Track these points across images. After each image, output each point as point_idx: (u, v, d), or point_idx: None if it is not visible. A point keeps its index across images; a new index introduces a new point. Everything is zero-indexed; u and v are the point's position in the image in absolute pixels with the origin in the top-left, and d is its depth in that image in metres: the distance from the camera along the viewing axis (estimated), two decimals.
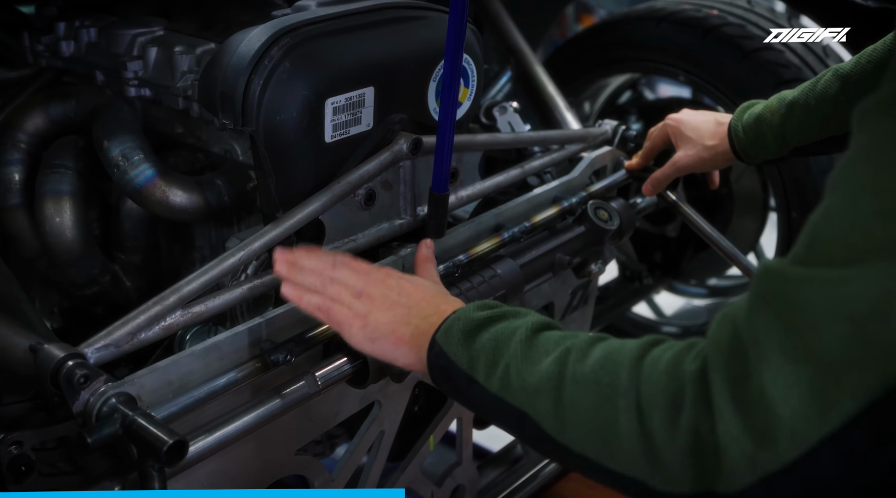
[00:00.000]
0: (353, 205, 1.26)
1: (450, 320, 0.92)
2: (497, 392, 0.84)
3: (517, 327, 0.87)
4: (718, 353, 0.69)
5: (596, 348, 0.80)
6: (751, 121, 1.42)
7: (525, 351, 0.84)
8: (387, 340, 0.96)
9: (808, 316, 0.63)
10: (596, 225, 1.53)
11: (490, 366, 0.86)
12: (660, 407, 0.71)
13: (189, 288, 1.08)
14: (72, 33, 1.53)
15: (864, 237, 0.62)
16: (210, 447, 1.04)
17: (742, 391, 0.66)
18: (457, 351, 0.89)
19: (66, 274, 1.37)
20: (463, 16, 1.11)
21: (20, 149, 1.41)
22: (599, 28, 2.46)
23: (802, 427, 0.63)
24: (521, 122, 1.75)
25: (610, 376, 0.76)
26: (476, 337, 0.88)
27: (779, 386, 0.63)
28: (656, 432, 0.71)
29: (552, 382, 0.80)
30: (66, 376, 0.95)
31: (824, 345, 0.62)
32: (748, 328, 0.67)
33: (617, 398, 0.74)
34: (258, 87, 1.14)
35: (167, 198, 1.30)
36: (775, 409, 0.63)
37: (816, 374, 0.62)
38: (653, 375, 0.73)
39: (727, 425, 0.66)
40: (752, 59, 2.07)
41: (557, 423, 0.79)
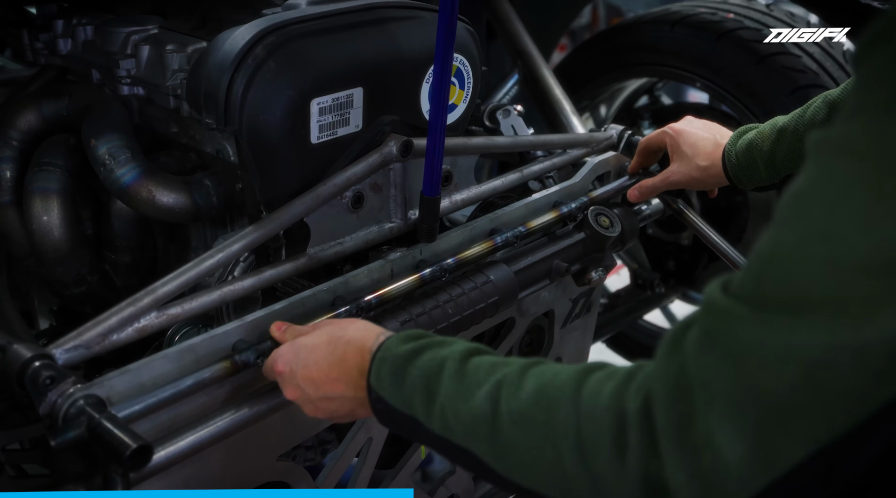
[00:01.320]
0: (340, 207, 1.24)
1: (376, 361, 0.91)
2: (440, 432, 0.83)
3: (444, 358, 0.85)
4: (664, 389, 0.66)
5: (528, 379, 0.78)
6: (743, 147, 1.39)
7: (456, 387, 0.82)
8: (326, 385, 0.96)
9: (758, 360, 0.61)
10: (596, 231, 1.49)
11: (426, 405, 0.84)
12: (604, 448, 0.69)
13: (164, 289, 1.06)
14: (69, 31, 1.52)
15: (813, 286, 0.60)
16: (182, 452, 1.02)
17: (688, 434, 0.64)
18: (391, 394, 0.88)
19: (55, 273, 1.36)
20: (453, 15, 1.08)
21: (12, 146, 1.40)
22: (614, 31, 2.43)
23: (750, 473, 0.62)
24: (525, 125, 1.72)
25: (546, 414, 0.74)
26: (405, 375, 0.87)
27: (725, 431, 0.62)
28: (604, 475, 0.69)
29: (487, 421, 0.78)
30: (31, 377, 0.94)
31: (773, 390, 0.60)
32: (696, 366, 0.65)
33: (557, 439, 0.73)
34: (241, 86, 1.12)
35: (154, 197, 1.29)
36: (723, 454, 0.62)
37: (764, 419, 0.61)
38: (593, 412, 0.71)
39: (674, 470, 0.65)
40: (767, 64, 2.02)
41: (502, 462, 0.78)
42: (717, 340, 0.64)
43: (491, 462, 0.79)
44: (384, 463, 1.47)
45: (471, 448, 0.80)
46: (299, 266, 1.19)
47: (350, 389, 0.94)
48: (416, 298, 1.26)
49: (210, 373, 1.04)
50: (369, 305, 1.18)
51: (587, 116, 2.51)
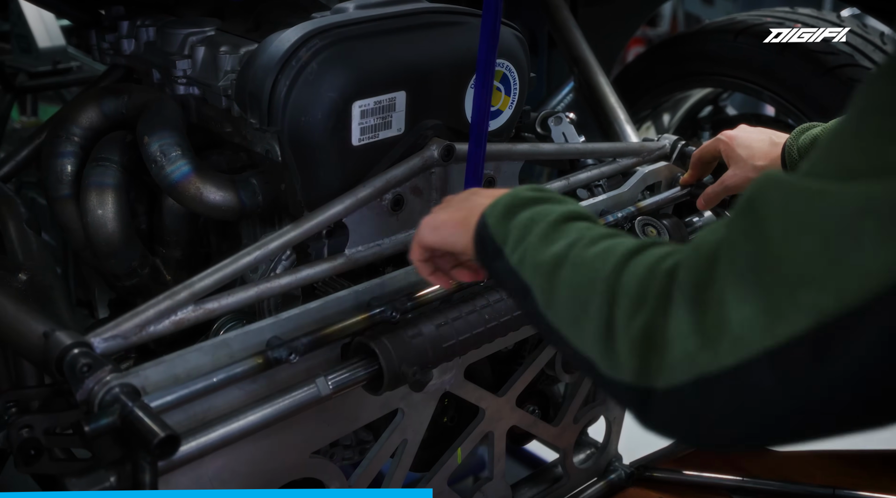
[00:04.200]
0: (380, 209, 1.25)
1: (500, 197, 0.95)
2: (514, 265, 0.88)
3: (553, 211, 0.89)
4: (696, 254, 0.69)
5: (605, 240, 0.82)
6: (807, 143, 1.35)
7: (548, 232, 0.87)
8: (446, 226, 1.01)
9: (784, 225, 0.62)
10: None
11: (517, 241, 0.89)
12: (627, 296, 0.72)
13: (201, 284, 1.09)
14: (133, 32, 1.58)
15: (860, 154, 0.60)
16: (212, 444, 1.04)
17: (703, 293, 0.66)
18: (496, 223, 0.92)
19: (107, 265, 1.41)
20: (496, 20, 1.09)
21: (74, 142, 1.45)
22: (677, 40, 2.39)
23: (748, 335, 0.62)
24: (576, 133, 1.70)
25: (602, 262, 0.78)
26: (517, 214, 0.91)
27: (737, 292, 0.63)
28: (617, 319, 0.73)
29: (556, 262, 0.83)
30: (69, 363, 0.97)
31: (790, 256, 0.61)
32: (728, 232, 0.66)
33: (598, 282, 0.76)
34: (285, 87, 1.14)
35: (201, 194, 1.32)
36: (727, 313, 0.63)
37: (775, 285, 0.61)
38: (635, 268, 0.74)
39: (678, 322, 0.67)
40: (834, 76, 1.96)
41: (547, 299, 0.83)
42: (755, 205, 0.64)
43: (540, 298, 0.84)
44: (419, 466, 1.47)
45: (529, 283, 0.85)
46: (336, 266, 1.21)
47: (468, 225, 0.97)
48: (453, 302, 1.26)
49: (242, 367, 1.06)
50: (405, 306, 1.19)
51: (649, 125, 2.49)
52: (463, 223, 0.98)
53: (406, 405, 1.33)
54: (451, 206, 1.03)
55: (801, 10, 2.16)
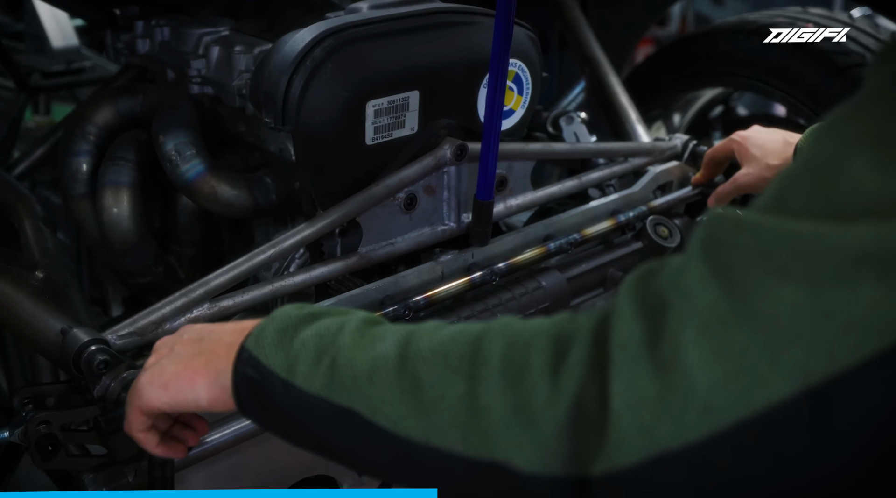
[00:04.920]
0: (393, 208, 1.26)
1: (260, 325, 0.76)
2: (319, 392, 0.69)
3: (345, 322, 0.72)
4: (632, 305, 0.56)
5: (446, 328, 0.67)
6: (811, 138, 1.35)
7: (357, 339, 0.69)
8: (179, 379, 0.79)
9: (760, 271, 0.52)
10: (654, 241, 1.48)
11: (313, 363, 0.70)
12: (534, 368, 0.59)
13: (216, 282, 1.10)
14: (148, 32, 1.59)
15: (854, 190, 0.51)
16: (227, 440, 1.05)
17: (656, 349, 0.54)
18: (271, 353, 0.72)
19: (122, 263, 1.42)
20: (509, 19, 1.09)
21: (89, 141, 1.47)
22: (688, 39, 2.39)
23: (718, 403, 0.52)
24: (588, 133, 1.71)
25: (466, 347, 0.63)
26: (296, 335, 0.73)
27: (702, 348, 0.52)
28: (528, 398, 0.58)
29: (391, 363, 0.66)
30: (87, 360, 0.98)
31: (770, 308, 0.51)
32: (680, 278, 0.55)
33: (476, 366, 0.61)
34: (299, 86, 1.15)
35: (215, 193, 1.33)
36: (692, 375, 0.52)
37: (751, 342, 0.51)
38: (524, 337, 0.61)
39: (627, 387, 0.55)
40: (846, 76, 1.96)
41: (395, 410, 0.64)
42: (715, 247, 0.55)
43: (379, 413, 0.65)
44: None
45: (355, 404, 0.66)
46: (350, 265, 1.22)
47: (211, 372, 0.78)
48: (465, 301, 1.27)
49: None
50: (417, 305, 1.20)
51: (659, 125, 2.48)
52: (203, 372, 0.78)
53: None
54: (175, 351, 0.82)
55: (812, 10, 2.15)
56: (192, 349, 0.81)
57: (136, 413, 0.84)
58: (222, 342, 0.79)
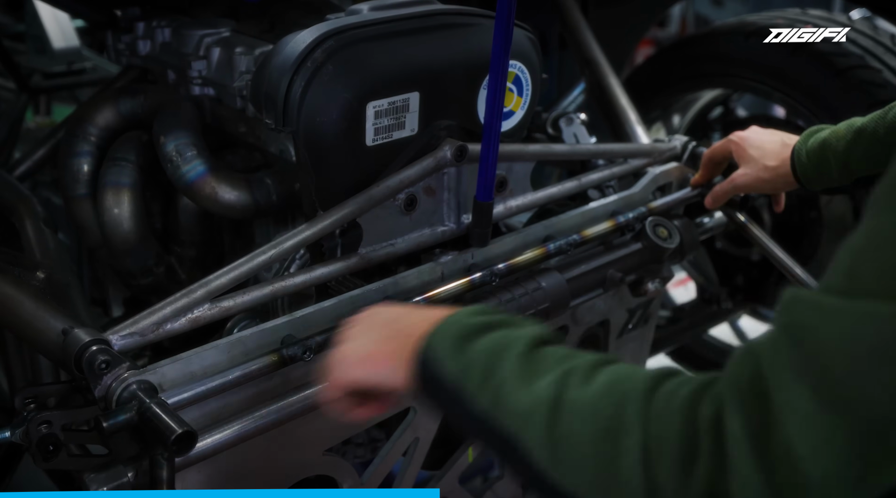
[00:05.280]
0: (393, 209, 1.26)
1: (442, 325, 0.81)
2: (485, 411, 0.74)
3: (516, 338, 0.77)
4: (737, 396, 0.59)
5: (601, 373, 0.70)
6: (815, 145, 1.35)
7: (522, 366, 0.73)
8: (369, 361, 0.85)
9: (848, 357, 0.53)
10: (653, 242, 1.48)
11: (481, 380, 0.75)
12: (670, 453, 0.61)
13: (217, 282, 1.10)
14: (149, 33, 1.59)
15: None
16: (228, 440, 1.05)
17: (763, 445, 0.56)
18: (447, 357, 0.78)
19: (123, 263, 1.43)
20: (509, 21, 1.09)
21: (90, 142, 1.47)
22: (688, 41, 2.40)
23: (836, 494, 0.53)
24: (587, 134, 1.71)
25: (614, 408, 0.66)
26: (470, 344, 0.77)
27: (808, 441, 0.54)
28: (664, 483, 0.61)
29: (548, 406, 0.70)
30: (88, 361, 0.99)
31: (867, 395, 0.52)
32: (772, 369, 0.57)
33: (621, 435, 0.65)
34: (300, 88, 1.15)
35: (216, 194, 1.33)
36: (804, 468, 0.54)
37: (857, 430, 0.52)
38: (664, 415, 0.63)
39: (743, 484, 0.57)
40: (845, 77, 1.96)
41: (549, 454, 0.69)
42: (800, 335, 0.56)
43: (535, 452, 0.70)
44: (430, 464, 1.48)
45: (518, 434, 0.71)
46: (350, 265, 1.22)
47: (399, 359, 0.83)
48: (465, 302, 1.27)
49: (258, 365, 1.08)
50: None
51: (659, 126, 2.49)
52: (395, 355, 0.83)
53: (418, 404, 1.34)
54: (370, 330, 0.88)
55: (811, 12, 2.16)
56: (387, 332, 0.86)
57: (336, 384, 0.89)
58: (411, 330, 0.83)
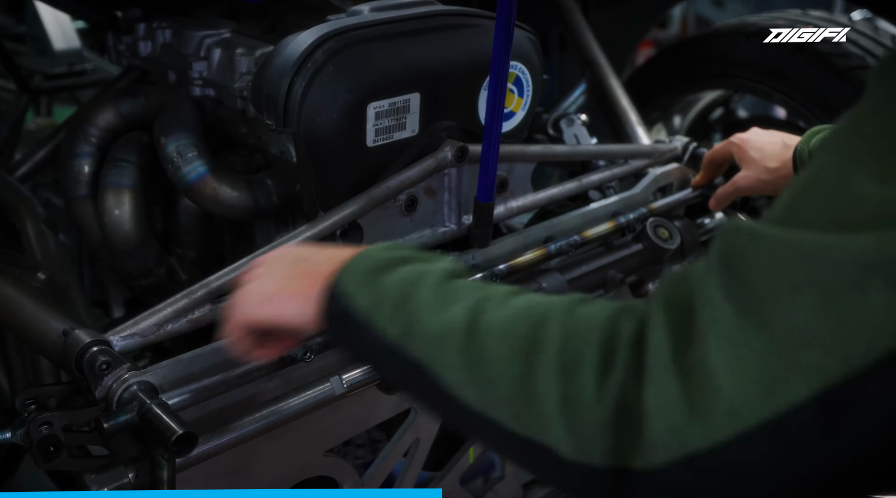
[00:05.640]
0: (394, 210, 1.26)
1: (351, 260, 0.80)
2: (396, 340, 0.74)
3: (429, 271, 0.77)
4: (664, 312, 0.61)
5: (517, 299, 0.71)
6: (817, 146, 1.35)
7: (434, 296, 0.73)
8: (276, 299, 0.84)
9: (774, 281, 0.56)
10: (654, 243, 1.48)
11: (393, 311, 0.74)
12: (586, 365, 0.63)
13: (218, 283, 1.10)
14: (149, 34, 1.59)
15: (857, 202, 0.55)
16: (229, 441, 1.05)
17: (682, 357, 0.59)
18: (357, 291, 0.77)
19: (124, 264, 1.43)
20: (510, 22, 1.09)
21: (91, 143, 1.47)
22: (689, 42, 2.40)
23: (742, 405, 0.56)
24: (588, 135, 1.71)
25: (530, 328, 0.67)
26: (382, 277, 0.77)
27: (725, 355, 0.57)
28: (578, 393, 0.63)
29: (461, 330, 0.70)
30: (88, 362, 0.99)
31: (785, 316, 0.55)
32: (702, 289, 0.60)
33: (536, 353, 0.66)
34: (300, 89, 1.15)
35: (217, 194, 1.33)
36: (716, 380, 0.57)
37: (770, 348, 0.55)
38: (580, 332, 0.65)
39: (658, 391, 0.59)
40: (846, 78, 1.96)
41: (460, 376, 0.69)
42: (731, 258, 0.59)
43: (447, 376, 0.70)
44: (431, 465, 1.48)
45: (426, 360, 0.71)
46: None
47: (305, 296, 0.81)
48: None
49: (258, 365, 1.08)
50: None
51: (660, 127, 2.49)
52: (303, 292, 0.82)
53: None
54: (276, 270, 0.87)
55: (812, 13, 2.16)
56: (292, 270, 0.85)
57: (237, 322, 0.88)
58: (319, 268, 0.82)
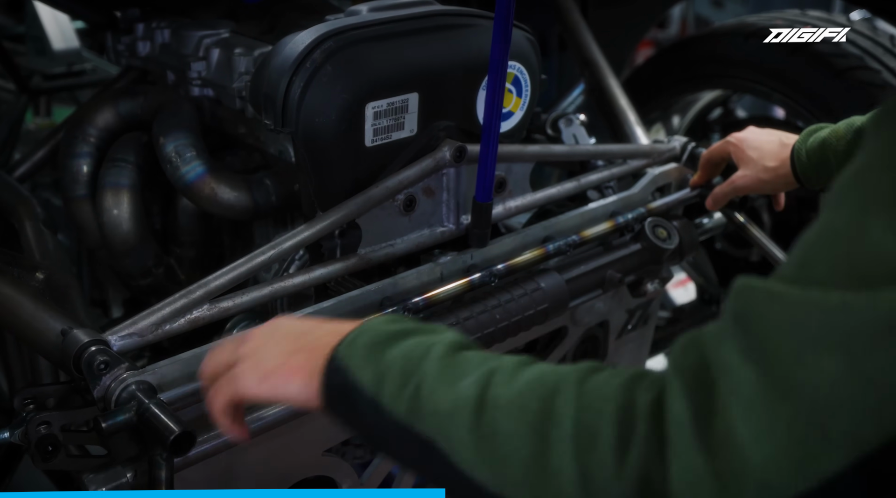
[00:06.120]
0: (392, 210, 1.26)
1: (353, 334, 0.78)
2: (403, 417, 0.71)
3: (433, 343, 0.75)
4: (680, 381, 0.58)
5: (526, 371, 0.69)
6: (815, 145, 1.35)
7: (441, 370, 0.71)
8: (277, 375, 0.81)
9: (795, 344, 0.53)
10: (653, 243, 1.48)
11: (399, 386, 0.72)
12: (603, 440, 0.60)
13: (216, 283, 1.10)
14: (148, 34, 1.59)
15: (876, 256, 0.52)
16: (227, 440, 1.05)
17: (705, 429, 0.56)
18: (360, 366, 0.75)
19: (123, 264, 1.43)
20: (508, 21, 1.09)
21: (90, 143, 1.47)
22: (687, 42, 2.40)
23: (776, 479, 0.53)
24: (587, 134, 1.71)
25: (541, 402, 0.65)
26: (385, 351, 0.75)
27: (751, 426, 0.54)
28: (596, 471, 0.60)
29: (470, 406, 0.67)
30: (87, 361, 0.99)
31: (811, 381, 0.52)
32: (718, 354, 0.57)
33: (549, 428, 0.63)
34: (299, 89, 1.15)
35: (215, 194, 1.34)
36: (745, 453, 0.54)
37: (799, 416, 0.52)
38: (595, 403, 0.62)
39: (683, 468, 0.56)
40: (844, 78, 1.96)
41: (471, 455, 0.67)
42: (747, 320, 0.56)
43: (457, 454, 0.68)
44: None
45: (435, 438, 0.69)
46: (349, 266, 1.22)
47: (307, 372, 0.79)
48: (464, 302, 1.27)
49: None
50: (417, 306, 1.20)
51: (659, 127, 2.49)
52: (304, 368, 0.79)
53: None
54: (274, 343, 0.83)
55: (811, 13, 2.16)
56: (292, 345, 0.82)
57: (225, 396, 0.85)
58: (321, 342, 0.80)
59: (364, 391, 0.74)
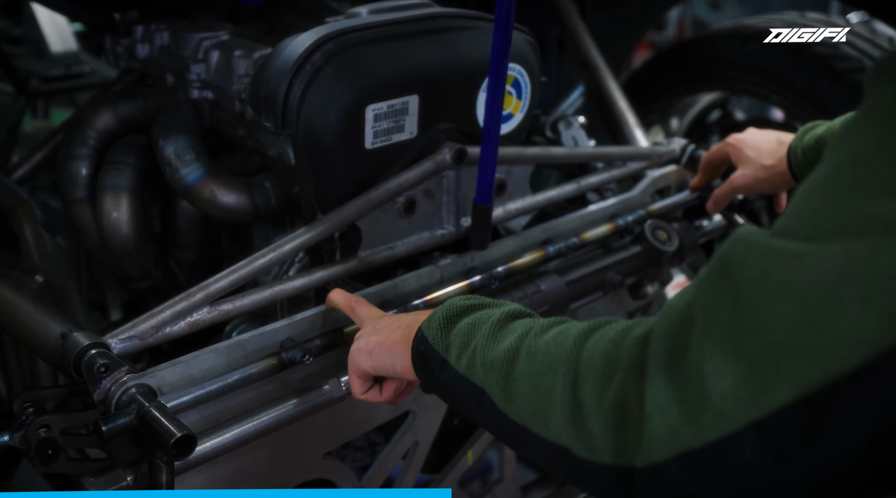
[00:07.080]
0: (392, 212, 1.26)
1: (436, 311, 0.93)
2: (463, 371, 0.85)
3: (494, 313, 0.87)
4: (666, 320, 0.65)
5: (556, 326, 0.80)
6: (811, 142, 1.35)
7: (493, 332, 0.84)
8: (380, 349, 0.97)
9: (762, 290, 0.58)
10: (652, 245, 1.48)
11: (461, 348, 0.86)
12: (593, 371, 0.69)
13: (216, 286, 1.10)
14: (147, 36, 1.59)
15: (833, 212, 0.58)
16: (227, 444, 1.05)
17: (678, 361, 0.62)
18: (436, 335, 0.90)
19: (122, 267, 1.42)
20: (509, 23, 1.09)
21: (89, 145, 1.47)
22: (686, 44, 2.40)
23: (730, 407, 0.58)
24: (586, 137, 1.72)
25: (558, 347, 0.75)
26: (456, 323, 0.89)
27: (716, 361, 0.60)
28: (586, 397, 0.69)
29: (508, 356, 0.80)
30: (87, 364, 0.98)
31: (770, 323, 0.57)
32: (702, 295, 0.63)
33: (558, 365, 0.73)
34: (299, 91, 1.15)
35: (215, 197, 1.33)
36: (707, 383, 0.60)
37: (756, 354, 0.58)
38: (597, 343, 0.71)
39: (655, 393, 0.63)
40: (844, 80, 1.97)
41: (506, 395, 0.79)
42: (729, 268, 0.61)
43: (496, 396, 0.80)
44: (430, 467, 1.48)
45: (485, 386, 0.82)
46: (349, 268, 1.22)
47: (403, 345, 0.95)
48: None
49: (257, 368, 1.08)
50: (417, 309, 1.20)
51: (657, 129, 2.49)
52: (399, 343, 0.95)
53: (418, 407, 1.34)
54: (381, 328, 0.99)
55: (809, 15, 2.16)
56: (393, 324, 0.98)
57: (353, 375, 1.02)
58: (414, 322, 0.95)
59: (437, 354, 0.88)
